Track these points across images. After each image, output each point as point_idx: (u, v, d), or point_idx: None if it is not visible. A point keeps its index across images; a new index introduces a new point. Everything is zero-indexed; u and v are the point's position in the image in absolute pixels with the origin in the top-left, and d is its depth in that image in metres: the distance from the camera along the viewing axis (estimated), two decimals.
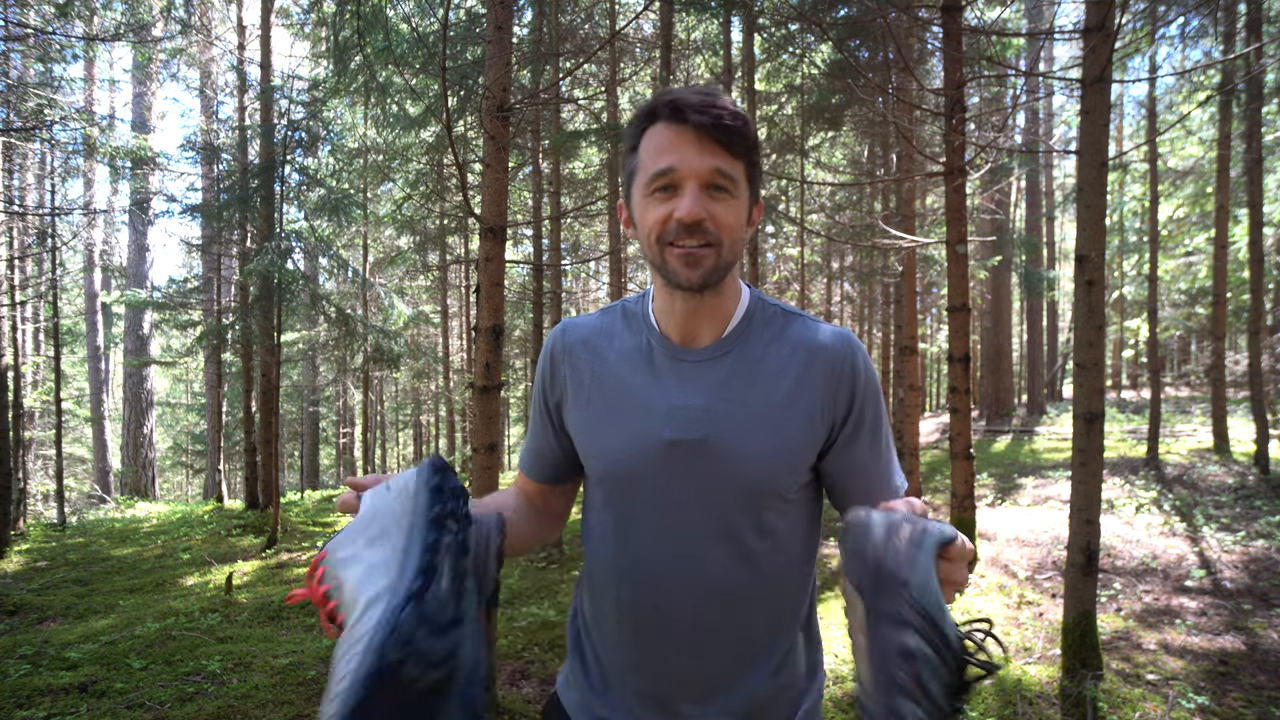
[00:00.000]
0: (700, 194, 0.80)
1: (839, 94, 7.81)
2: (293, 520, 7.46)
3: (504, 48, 2.71)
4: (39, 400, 11.21)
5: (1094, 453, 2.88)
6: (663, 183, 0.81)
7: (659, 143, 0.82)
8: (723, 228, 0.82)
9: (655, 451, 0.86)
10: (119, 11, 7.44)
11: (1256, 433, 6.97)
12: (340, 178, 9.73)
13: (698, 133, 0.79)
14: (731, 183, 0.82)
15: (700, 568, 0.87)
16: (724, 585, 0.87)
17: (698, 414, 0.85)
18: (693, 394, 0.87)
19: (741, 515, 0.86)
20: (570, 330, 0.98)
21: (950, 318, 4.70)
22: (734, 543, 0.86)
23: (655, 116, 0.83)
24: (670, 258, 0.82)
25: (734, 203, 0.83)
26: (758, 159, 0.86)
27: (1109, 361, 19.96)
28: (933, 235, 8.72)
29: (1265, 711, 2.77)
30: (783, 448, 0.85)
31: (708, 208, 0.80)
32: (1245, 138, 7.45)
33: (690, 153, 0.80)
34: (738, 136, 0.80)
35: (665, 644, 0.88)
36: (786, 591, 0.92)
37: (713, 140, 0.80)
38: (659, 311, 0.92)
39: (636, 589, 0.89)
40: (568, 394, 0.96)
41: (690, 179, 0.80)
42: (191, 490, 19.70)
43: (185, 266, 20.69)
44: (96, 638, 3.77)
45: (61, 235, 9.45)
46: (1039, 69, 12.37)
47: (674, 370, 0.89)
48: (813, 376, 0.87)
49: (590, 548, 0.97)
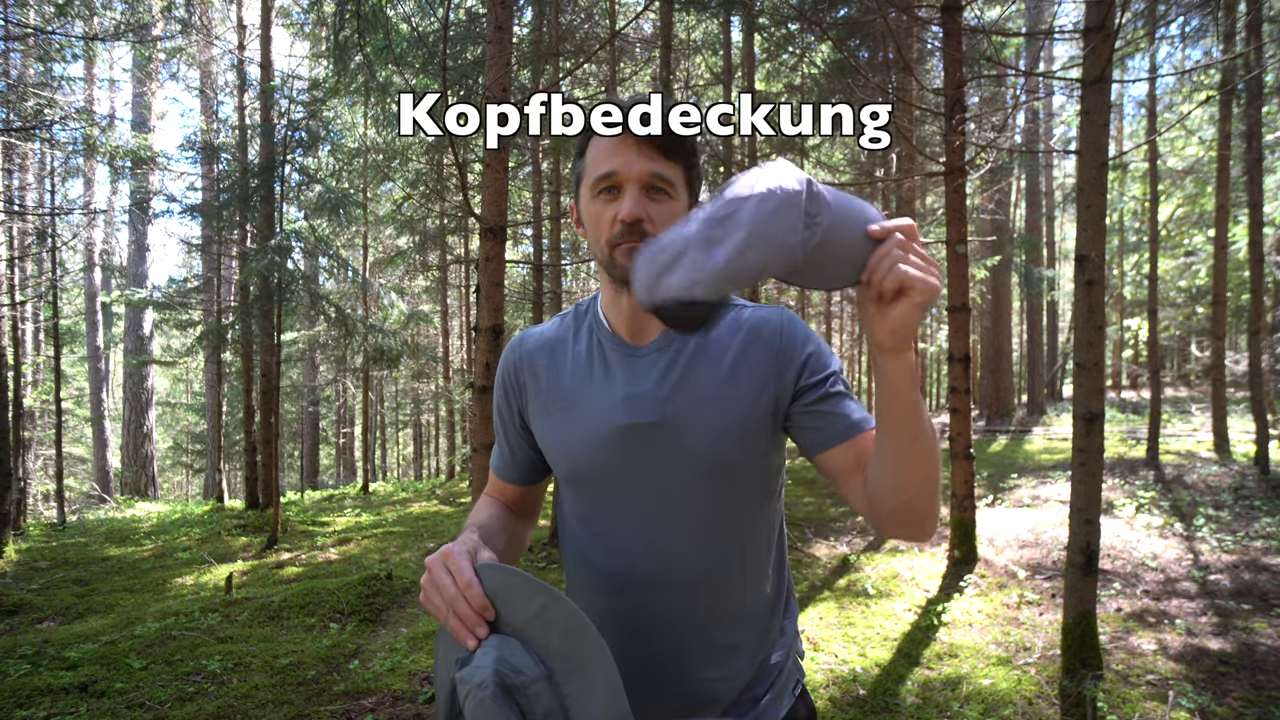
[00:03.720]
0: (639, 196, 0.86)
1: (839, 94, 7.81)
2: (293, 520, 7.46)
3: (504, 48, 2.71)
4: (39, 400, 11.21)
5: (1094, 453, 2.88)
6: (606, 185, 0.87)
7: (602, 147, 0.88)
8: (659, 226, 0.87)
9: (614, 440, 0.90)
10: (119, 11, 7.44)
11: (1256, 433, 6.97)
12: (340, 177, 9.73)
13: (637, 139, 0.85)
14: (669, 185, 0.87)
15: (671, 552, 0.90)
16: (696, 568, 0.90)
17: (650, 400, 0.90)
18: (644, 383, 0.91)
19: (705, 495, 0.90)
20: (527, 339, 1.04)
21: (950, 318, 4.70)
22: (699, 527, 0.90)
23: None
24: (617, 255, 0.87)
25: (672, 203, 0.88)
26: (696, 163, 0.91)
27: (1109, 361, 19.95)
28: (933, 235, 8.72)
29: (1265, 711, 2.77)
30: (734, 423, 0.89)
31: (646, 209, 0.86)
32: (1245, 137, 7.45)
33: (629, 156, 0.85)
34: (675, 142, 0.86)
35: (643, 632, 0.91)
36: (756, 571, 0.95)
37: (651, 145, 0.85)
38: (607, 310, 0.97)
39: (612, 581, 0.92)
40: (529, 402, 1.01)
41: (629, 181, 0.86)
42: (191, 490, 19.70)
43: (185, 266, 20.70)
44: (96, 637, 3.77)
45: (61, 235, 9.45)
46: (1039, 69, 12.37)
47: (624, 365, 0.93)
48: (754, 352, 0.92)
49: (566, 551, 1.00)
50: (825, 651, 3.47)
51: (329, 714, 2.89)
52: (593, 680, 0.72)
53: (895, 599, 4.22)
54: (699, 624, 0.91)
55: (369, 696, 3.05)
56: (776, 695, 0.97)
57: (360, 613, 4.18)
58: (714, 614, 0.92)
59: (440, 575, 0.75)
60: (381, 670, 3.32)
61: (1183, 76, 9.81)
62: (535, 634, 0.73)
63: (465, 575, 0.74)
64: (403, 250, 11.86)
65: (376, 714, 2.89)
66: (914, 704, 2.91)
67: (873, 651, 3.46)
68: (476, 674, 0.70)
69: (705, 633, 0.91)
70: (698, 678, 0.91)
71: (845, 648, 3.51)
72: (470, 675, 0.71)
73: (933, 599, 4.18)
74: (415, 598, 4.59)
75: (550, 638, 0.73)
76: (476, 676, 0.70)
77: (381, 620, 4.16)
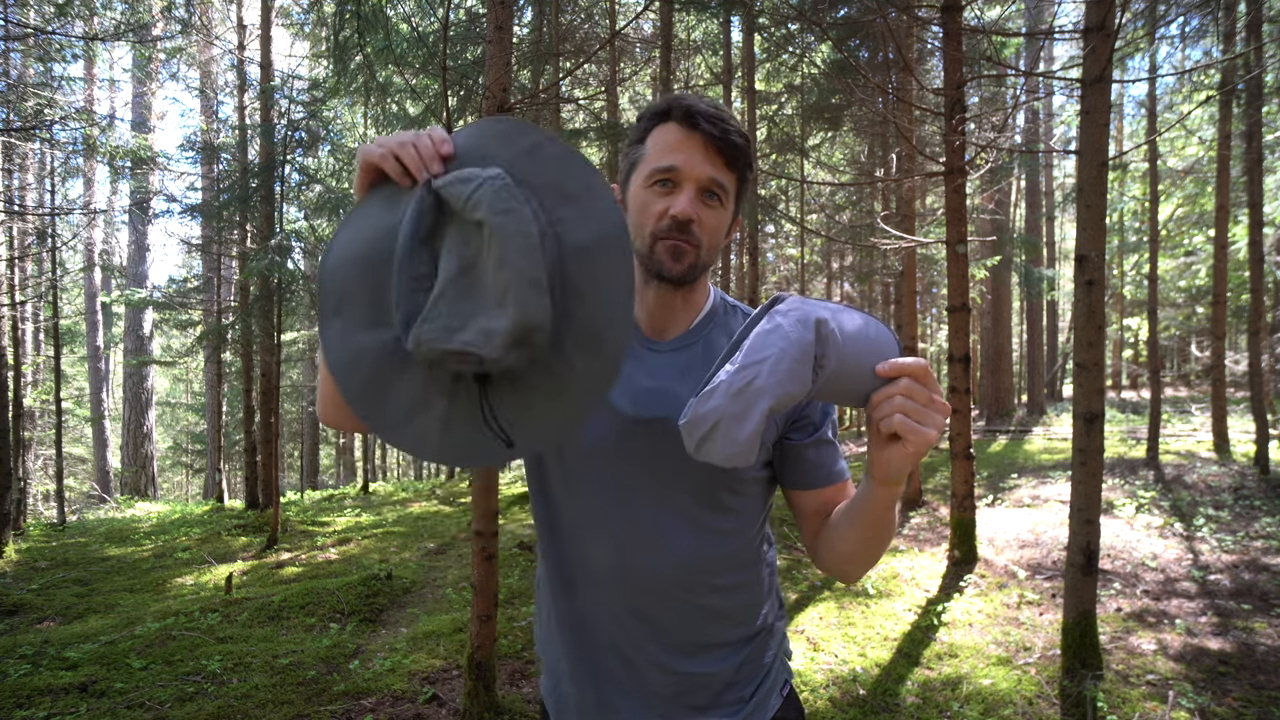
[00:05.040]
0: (695, 197, 0.86)
1: (839, 94, 7.81)
2: (292, 520, 7.46)
3: (504, 48, 2.71)
4: (39, 400, 11.21)
5: (1094, 453, 2.88)
6: (664, 178, 0.87)
7: (668, 140, 0.87)
8: (707, 231, 0.88)
9: (618, 428, 0.90)
10: (119, 11, 7.44)
11: (1256, 433, 6.97)
12: (340, 177, 9.72)
13: (705, 140, 0.86)
14: (724, 192, 0.88)
15: (659, 547, 0.91)
16: (682, 566, 0.91)
17: (657, 396, 0.90)
18: (654, 379, 0.92)
19: (699, 496, 0.90)
20: None
21: (950, 318, 4.70)
22: (691, 525, 0.91)
23: (668, 116, 0.89)
24: (659, 249, 0.88)
25: (722, 211, 0.89)
26: (749, 177, 0.92)
27: (1109, 361, 19.95)
28: (933, 235, 8.72)
29: (1265, 711, 2.77)
30: None
31: (699, 211, 0.87)
32: (1245, 138, 7.44)
33: (695, 157, 0.86)
34: (738, 153, 0.88)
35: (630, 625, 0.92)
36: (748, 570, 0.96)
37: (716, 151, 0.86)
38: None
39: (602, 574, 0.93)
40: None
41: (689, 181, 0.86)
42: (191, 490, 19.70)
43: (185, 266, 20.70)
44: (96, 637, 3.77)
45: (61, 235, 9.45)
46: (1039, 69, 12.37)
47: (640, 358, 0.94)
48: None
49: (553, 544, 0.98)
50: (825, 651, 3.47)
51: (329, 714, 2.89)
52: (586, 212, 0.67)
53: (895, 599, 4.22)
54: (686, 620, 0.92)
55: (369, 696, 3.05)
56: (764, 695, 0.97)
57: (360, 613, 4.18)
58: (701, 611, 0.93)
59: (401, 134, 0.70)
60: (381, 670, 3.32)
61: (1183, 76, 9.81)
62: (524, 166, 0.68)
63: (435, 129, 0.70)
64: None
65: (376, 714, 2.89)
66: (914, 704, 2.91)
67: (873, 651, 3.46)
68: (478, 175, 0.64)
69: (692, 629, 0.92)
70: (683, 672, 0.92)
71: (845, 648, 3.51)
72: (471, 174, 0.65)
73: (933, 599, 4.18)
74: (416, 597, 4.59)
75: (541, 169, 0.68)
76: (484, 173, 0.65)
77: (381, 620, 4.16)
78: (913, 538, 5.62)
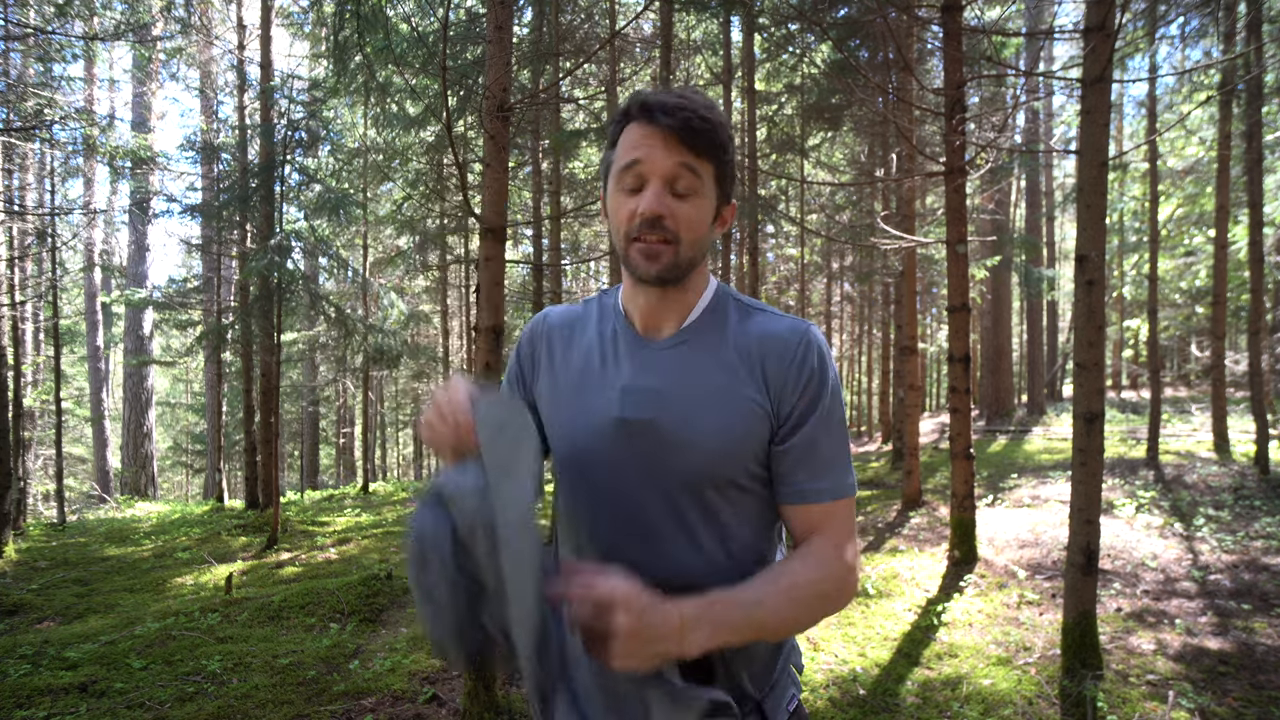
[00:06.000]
0: (662, 191, 0.84)
1: (839, 94, 7.80)
2: (292, 520, 7.46)
3: (504, 48, 2.71)
4: (39, 400, 11.21)
5: (1094, 453, 2.88)
6: (629, 177, 0.85)
7: (631, 140, 0.85)
8: (683, 225, 0.85)
9: (606, 429, 0.89)
10: (119, 11, 7.44)
11: (1256, 433, 6.97)
12: (340, 177, 9.73)
13: (664, 132, 0.83)
14: (697, 181, 0.85)
15: (653, 552, 0.88)
16: (677, 572, 0.86)
17: (648, 396, 0.89)
18: (646, 378, 0.90)
19: (689, 500, 0.88)
20: (551, 315, 1.05)
21: (950, 318, 4.70)
22: (683, 528, 0.88)
23: (629, 116, 0.87)
24: (633, 252, 0.86)
25: (699, 202, 0.86)
26: (728, 160, 0.88)
27: (1109, 361, 19.95)
28: (933, 235, 8.72)
29: (1265, 711, 2.77)
30: (725, 433, 0.87)
31: (669, 205, 0.84)
32: (1245, 138, 7.44)
33: (656, 151, 0.83)
34: (704, 137, 0.83)
35: None
36: (747, 575, 0.91)
37: (677, 140, 0.83)
38: (627, 302, 0.97)
39: None
40: (539, 377, 1.01)
41: (653, 176, 0.84)
42: (191, 490, 19.70)
43: (185, 266, 20.71)
44: (96, 637, 3.77)
45: (61, 235, 9.45)
46: (1039, 69, 12.37)
47: (633, 356, 0.92)
48: (762, 366, 0.89)
49: (552, 542, 0.99)
50: (825, 651, 3.47)
51: (329, 714, 2.89)
52: (516, 480, 0.77)
53: (895, 599, 4.22)
54: None
55: (369, 696, 3.05)
56: (770, 711, 0.93)
57: (360, 613, 4.18)
58: None
59: None
60: (381, 670, 3.32)
61: (1183, 76, 9.81)
62: (487, 447, 0.79)
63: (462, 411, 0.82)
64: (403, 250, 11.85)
65: (376, 714, 2.89)
66: (914, 704, 2.91)
67: (873, 651, 3.46)
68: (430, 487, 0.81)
69: None
70: None
71: (845, 648, 3.51)
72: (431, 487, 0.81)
73: (933, 599, 4.18)
74: None
75: (495, 448, 0.78)
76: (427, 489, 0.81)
77: (381, 620, 4.16)
78: (913, 538, 5.62)
